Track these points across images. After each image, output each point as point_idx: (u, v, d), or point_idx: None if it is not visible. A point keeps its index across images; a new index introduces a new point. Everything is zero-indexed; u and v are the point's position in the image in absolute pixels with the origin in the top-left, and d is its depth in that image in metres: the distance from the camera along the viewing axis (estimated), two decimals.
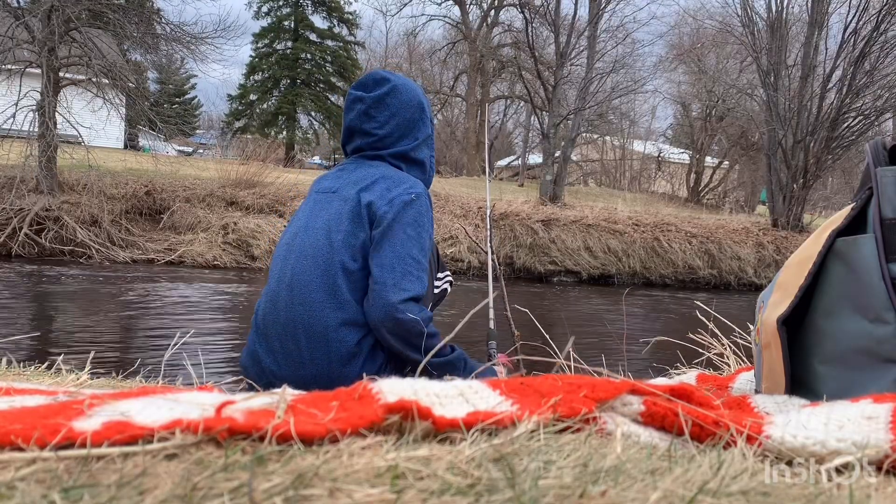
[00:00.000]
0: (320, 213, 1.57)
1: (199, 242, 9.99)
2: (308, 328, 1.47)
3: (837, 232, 0.96)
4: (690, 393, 0.77)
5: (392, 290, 1.44)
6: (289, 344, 1.49)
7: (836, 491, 0.55)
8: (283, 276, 1.53)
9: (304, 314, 1.48)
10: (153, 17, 12.00)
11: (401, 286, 1.44)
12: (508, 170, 27.08)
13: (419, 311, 1.45)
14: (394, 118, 1.64)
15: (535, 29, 15.59)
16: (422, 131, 1.70)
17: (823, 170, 13.42)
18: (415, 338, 1.44)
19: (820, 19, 12.94)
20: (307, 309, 1.47)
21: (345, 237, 1.51)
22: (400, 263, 1.46)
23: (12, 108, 9.68)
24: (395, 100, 1.64)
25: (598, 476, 0.52)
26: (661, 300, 9.74)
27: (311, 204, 1.63)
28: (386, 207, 1.51)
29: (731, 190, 24.57)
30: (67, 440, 0.51)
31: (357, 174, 1.61)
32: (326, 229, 1.53)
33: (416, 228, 1.52)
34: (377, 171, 1.60)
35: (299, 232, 1.58)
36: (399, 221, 1.50)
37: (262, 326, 1.55)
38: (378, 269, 1.46)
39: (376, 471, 0.50)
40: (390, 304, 1.42)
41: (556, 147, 14.82)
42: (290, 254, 1.56)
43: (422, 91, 1.74)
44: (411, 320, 1.43)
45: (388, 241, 1.49)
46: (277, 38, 27.15)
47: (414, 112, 1.67)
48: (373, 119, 1.64)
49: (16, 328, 5.36)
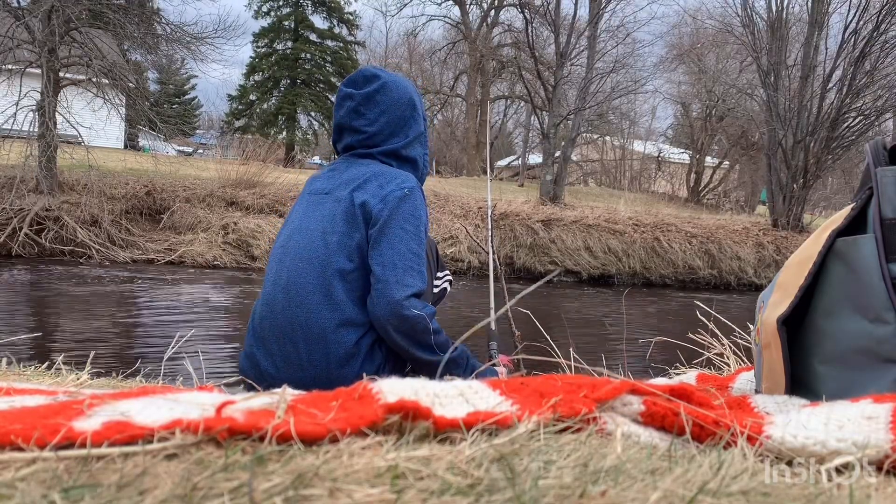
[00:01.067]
0: (314, 215, 1.57)
1: (199, 242, 9.99)
2: (306, 330, 1.47)
3: (837, 232, 0.96)
4: (690, 393, 0.77)
5: (395, 287, 1.43)
6: (287, 347, 1.48)
7: (836, 491, 0.55)
8: (279, 280, 1.53)
9: (302, 316, 1.47)
10: (153, 18, 11.99)
11: (403, 282, 1.44)
12: (508, 170, 27.08)
13: (423, 307, 1.45)
14: (384, 115, 1.63)
15: (535, 29, 15.59)
16: (413, 128, 1.68)
17: (823, 170, 13.41)
18: (420, 334, 1.44)
19: (820, 19, 12.94)
20: (304, 311, 1.47)
21: (340, 238, 1.50)
22: (401, 260, 1.46)
23: (12, 108, 9.67)
24: (385, 97, 1.63)
25: (599, 476, 0.52)
26: (661, 300, 9.74)
27: (305, 205, 1.62)
28: (380, 205, 1.51)
29: (731, 190, 24.57)
30: (67, 440, 0.51)
31: (348, 174, 1.60)
32: (321, 231, 1.53)
33: (412, 223, 1.51)
34: (368, 170, 1.59)
35: (294, 234, 1.57)
36: (395, 218, 1.50)
37: (259, 330, 1.54)
38: (379, 268, 1.46)
39: (376, 471, 0.50)
40: (395, 301, 1.42)
41: (556, 147, 14.82)
42: (285, 256, 1.55)
43: (414, 88, 1.73)
44: (417, 316, 1.43)
45: (385, 238, 1.48)
46: (277, 38, 27.17)
47: (405, 109, 1.66)
48: (362, 116, 1.63)
49: (16, 328, 5.36)
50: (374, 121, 1.63)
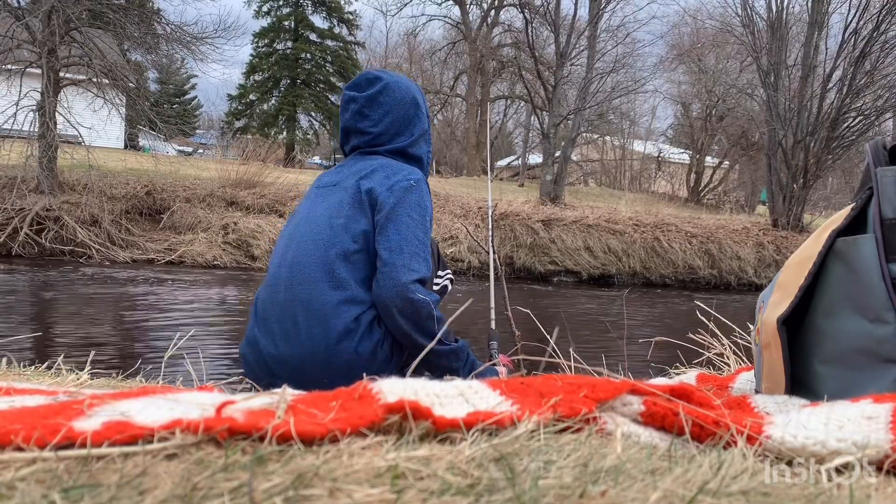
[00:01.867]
0: (321, 205, 1.60)
1: (200, 242, 9.99)
2: (307, 305, 1.48)
3: (837, 232, 0.96)
4: (690, 393, 0.77)
5: (402, 270, 1.45)
6: (287, 323, 1.50)
7: (836, 491, 0.55)
8: (284, 261, 1.56)
9: (304, 293, 1.49)
10: (153, 18, 12.00)
11: (410, 267, 1.47)
12: (508, 170, 27.08)
13: (427, 294, 1.47)
14: (388, 115, 1.66)
15: (535, 29, 15.59)
16: (417, 127, 1.72)
17: (823, 170, 13.40)
18: (424, 319, 1.45)
19: (820, 19, 12.94)
20: (306, 288, 1.49)
21: (345, 221, 1.53)
22: (407, 245, 1.49)
23: (13, 108, 9.68)
24: (389, 97, 1.66)
25: (598, 476, 0.52)
26: (662, 300, 9.74)
27: (312, 198, 1.66)
28: (386, 193, 1.54)
29: (731, 190, 24.56)
30: (67, 440, 0.51)
31: (356, 167, 1.64)
32: (327, 216, 1.56)
33: (418, 212, 1.54)
34: (375, 162, 1.63)
35: (300, 223, 1.60)
36: (402, 205, 1.53)
37: (261, 311, 1.56)
38: (386, 252, 1.48)
39: (376, 471, 0.50)
40: (401, 284, 1.44)
41: (556, 147, 14.82)
42: (291, 242, 1.58)
43: (416, 87, 1.76)
44: (422, 300, 1.45)
45: (392, 224, 1.51)
46: (277, 38, 27.17)
47: (408, 108, 1.69)
48: (367, 118, 1.66)
49: (16, 328, 5.36)
50: (378, 121, 1.66)
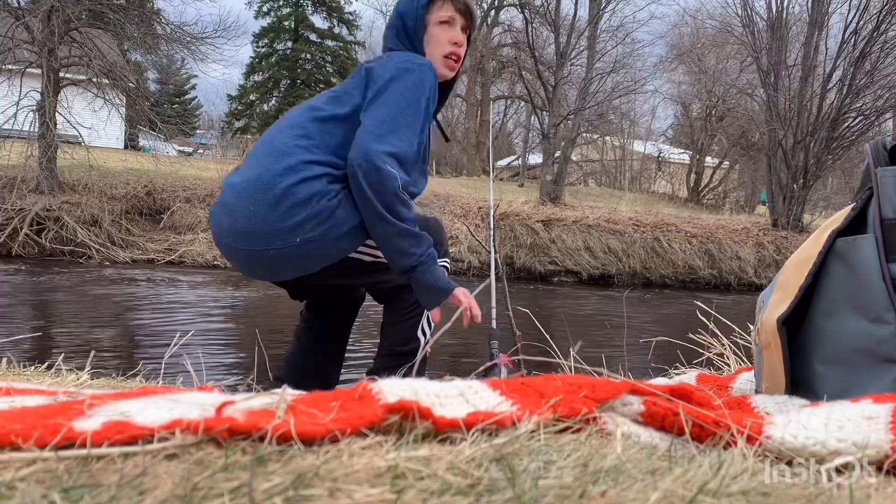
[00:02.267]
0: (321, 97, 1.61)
1: (200, 242, 9.99)
2: (269, 145, 1.48)
3: (837, 232, 0.96)
4: (690, 393, 0.77)
5: (377, 139, 1.40)
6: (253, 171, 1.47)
7: (836, 491, 0.55)
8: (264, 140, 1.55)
9: (269, 137, 1.51)
10: (153, 18, 12.00)
11: (386, 139, 1.41)
12: (508, 170, 27.06)
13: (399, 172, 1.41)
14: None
15: (535, 29, 15.58)
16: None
17: (823, 170, 13.41)
18: (388, 193, 1.39)
19: (820, 19, 12.93)
20: (277, 144, 1.47)
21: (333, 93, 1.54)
22: (391, 119, 1.43)
23: (13, 109, 9.69)
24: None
25: (599, 476, 0.52)
26: (662, 300, 9.74)
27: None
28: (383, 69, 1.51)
29: (731, 190, 24.55)
30: (67, 440, 0.51)
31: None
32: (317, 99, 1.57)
33: (413, 93, 1.47)
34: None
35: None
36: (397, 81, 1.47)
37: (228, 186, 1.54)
38: (368, 120, 1.44)
39: (376, 471, 0.50)
40: (372, 150, 1.39)
41: (556, 147, 14.82)
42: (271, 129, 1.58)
43: None
44: (390, 172, 1.38)
45: (382, 97, 1.46)
46: (277, 39, 27.14)
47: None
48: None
49: (16, 328, 5.36)
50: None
